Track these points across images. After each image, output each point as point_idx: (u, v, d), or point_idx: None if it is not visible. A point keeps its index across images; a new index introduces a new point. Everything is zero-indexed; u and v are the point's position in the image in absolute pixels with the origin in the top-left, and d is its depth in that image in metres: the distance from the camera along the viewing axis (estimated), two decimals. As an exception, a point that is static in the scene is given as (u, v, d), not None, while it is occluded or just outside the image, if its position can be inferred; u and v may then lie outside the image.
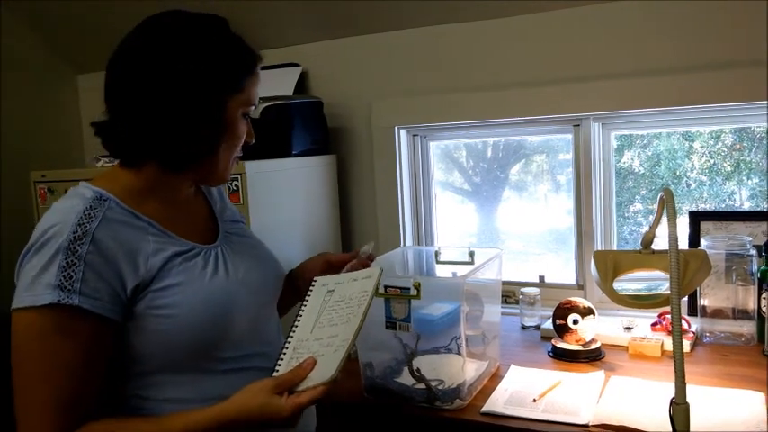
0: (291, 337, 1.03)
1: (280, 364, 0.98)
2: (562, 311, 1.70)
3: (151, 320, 0.96)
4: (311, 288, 1.12)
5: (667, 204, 1.09)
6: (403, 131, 2.23)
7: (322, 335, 1.00)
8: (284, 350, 1.01)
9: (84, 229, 0.92)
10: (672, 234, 1.06)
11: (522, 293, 1.97)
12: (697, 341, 1.73)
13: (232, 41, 1.06)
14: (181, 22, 1.03)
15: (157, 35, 1.02)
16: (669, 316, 1.71)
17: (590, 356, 1.65)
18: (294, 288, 1.30)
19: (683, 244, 1.86)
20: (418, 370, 1.42)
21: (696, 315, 1.78)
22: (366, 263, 1.26)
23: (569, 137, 2.05)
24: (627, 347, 1.69)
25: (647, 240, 1.28)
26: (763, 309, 1.66)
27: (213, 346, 1.01)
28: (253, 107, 1.07)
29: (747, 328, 1.70)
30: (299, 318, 1.06)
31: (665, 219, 1.10)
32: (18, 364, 0.91)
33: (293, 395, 0.92)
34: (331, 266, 1.28)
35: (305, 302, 1.09)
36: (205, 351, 1.01)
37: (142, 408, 0.99)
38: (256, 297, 1.10)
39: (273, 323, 1.17)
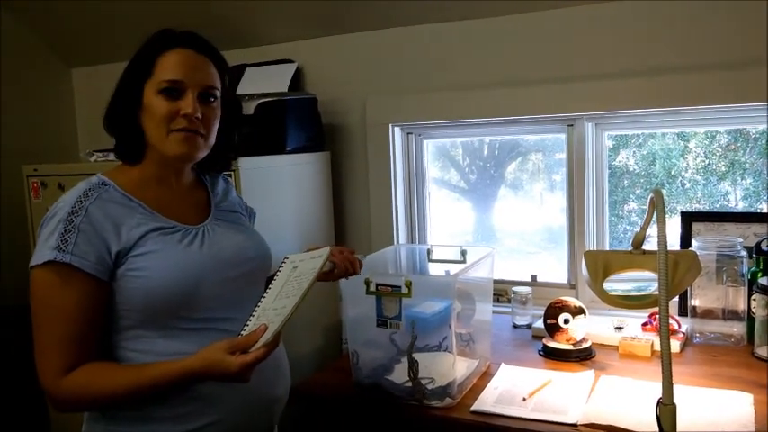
0: (258, 305, 1.16)
1: (245, 329, 1.12)
2: (553, 311, 1.70)
3: (128, 280, 1.13)
4: (282, 264, 1.24)
5: (657, 205, 1.09)
6: (397, 129, 2.22)
7: (277, 305, 1.13)
8: (251, 316, 1.14)
9: (80, 205, 1.13)
10: (661, 235, 1.06)
11: (514, 292, 1.97)
12: (687, 341, 1.74)
13: (153, 38, 1.21)
14: None
15: None
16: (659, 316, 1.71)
17: (580, 356, 1.65)
18: None
19: (675, 245, 1.86)
20: (416, 365, 1.42)
21: (686, 315, 1.79)
22: (353, 259, 1.36)
23: (563, 136, 2.06)
24: (617, 347, 1.70)
25: (638, 241, 1.28)
26: (753, 310, 1.67)
27: (181, 307, 1.16)
28: (167, 83, 1.17)
29: (737, 328, 1.71)
30: (268, 290, 1.18)
31: (656, 219, 1.10)
32: (33, 311, 1.12)
33: (243, 355, 1.06)
34: None
35: (275, 277, 1.21)
36: (174, 310, 1.15)
37: (124, 357, 1.17)
38: (227, 270, 1.22)
39: (247, 294, 1.26)
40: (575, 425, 1.31)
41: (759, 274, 1.69)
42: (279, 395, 1.28)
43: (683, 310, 1.82)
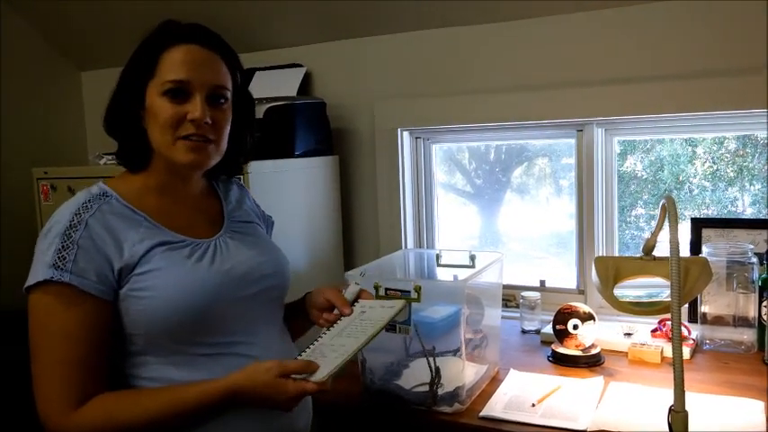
0: (317, 340, 1.10)
1: (301, 354, 1.06)
2: (562, 316, 1.70)
3: (132, 301, 1.03)
4: (353, 306, 1.19)
5: (669, 212, 1.09)
6: (406, 133, 2.22)
7: (335, 342, 1.08)
8: (307, 349, 1.08)
9: (79, 218, 1.03)
10: (673, 242, 1.06)
11: (523, 297, 1.97)
12: (697, 348, 1.73)
13: (155, 32, 1.11)
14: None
15: None
16: (669, 323, 1.70)
17: (589, 362, 1.65)
18: (305, 315, 1.26)
19: (685, 251, 1.85)
20: (438, 370, 1.42)
21: (696, 322, 1.78)
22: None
23: (572, 141, 2.05)
24: (627, 353, 1.69)
25: (649, 247, 1.27)
26: (764, 317, 1.66)
27: (192, 330, 1.05)
28: (171, 84, 1.07)
29: (748, 335, 1.70)
30: (332, 327, 1.14)
31: (666, 225, 1.10)
32: (31, 338, 1.02)
33: (300, 381, 0.98)
34: (329, 303, 1.21)
35: (342, 318, 1.17)
36: (185, 333, 1.05)
37: (133, 385, 1.07)
38: (242, 288, 1.12)
39: (264, 314, 1.17)
40: (584, 431, 1.30)
41: (770, 281, 1.68)
42: (300, 427, 1.19)
43: (693, 316, 1.81)
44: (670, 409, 1.04)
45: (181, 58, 1.07)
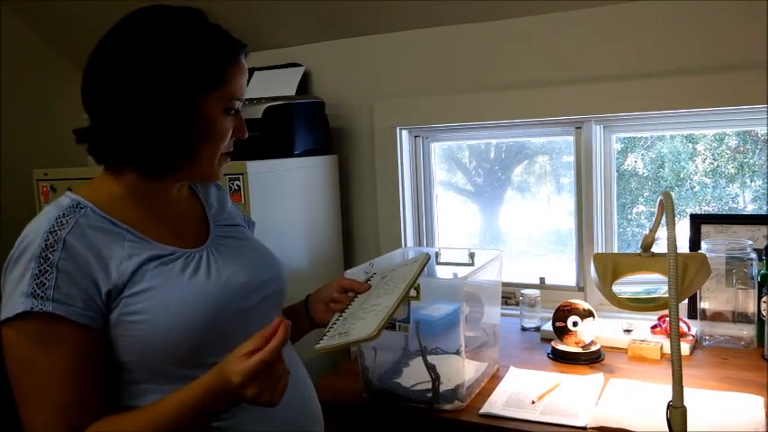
0: (344, 311, 1.12)
1: (326, 334, 1.05)
2: (562, 313, 1.70)
3: (127, 327, 0.93)
4: (370, 280, 1.23)
5: (666, 208, 1.09)
6: (404, 132, 2.23)
7: (367, 305, 1.10)
8: (334, 324, 1.08)
9: (55, 237, 0.91)
10: (671, 238, 1.06)
11: (523, 295, 1.97)
12: (697, 344, 1.73)
13: (208, 32, 0.99)
14: (156, 18, 0.99)
15: (132, 34, 0.99)
16: (669, 319, 1.70)
17: (589, 359, 1.65)
18: (309, 317, 1.26)
19: (684, 247, 1.86)
20: (436, 369, 1.42)
21: (696, 318, 1.78)
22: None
23: (571, 138, 2.05)
24: (626, 350, 1.69)
25: (647, 243, 1.28)
26: (763, 312, 1.66)
27: (196, 352, 0.97)
28: (238, 102, 1.02)
29: (747, 331, 1.70)
30: (355, 299, 1.16)
31: (665, 221, 1.10)
32: (12, 376, 0.91)
33: (243, 357, 0.87)
34: (344, 291, 1.22)
35: (357, 296, 1.18)
36: (188, 357, 0.96)
37: None
38: (244, 299, 1.04)
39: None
40: (584, 428, 1.30)
41: (769, 277, 1.68)
42: None
43: (693, 312, 1.81)
44: (668, 405, 1.05)
45: (242, 74, 1.02)
